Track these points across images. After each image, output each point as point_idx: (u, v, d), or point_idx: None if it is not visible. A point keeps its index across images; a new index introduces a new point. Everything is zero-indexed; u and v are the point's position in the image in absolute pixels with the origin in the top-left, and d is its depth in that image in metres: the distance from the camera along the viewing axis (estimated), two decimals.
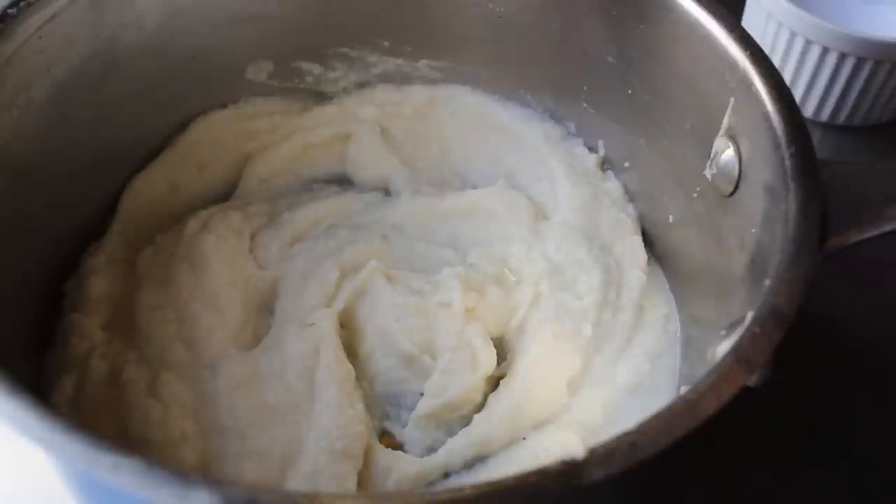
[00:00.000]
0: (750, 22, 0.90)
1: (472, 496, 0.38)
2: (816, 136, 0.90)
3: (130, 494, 0.39)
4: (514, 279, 0.71)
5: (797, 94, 0.89)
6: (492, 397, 0.63)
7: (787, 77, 0.84)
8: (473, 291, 0.67)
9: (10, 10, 0.59)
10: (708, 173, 0.62)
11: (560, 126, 0.77)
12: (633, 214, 0.74)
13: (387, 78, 0.80)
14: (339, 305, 0.66)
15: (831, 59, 0.85)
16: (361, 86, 0.80)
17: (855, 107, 0.89)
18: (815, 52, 0.85)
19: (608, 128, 0.74)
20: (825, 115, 0.91)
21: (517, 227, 0.72)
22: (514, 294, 0.69)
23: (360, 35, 0.77)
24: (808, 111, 0.91)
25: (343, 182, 0.80)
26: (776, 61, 0.74)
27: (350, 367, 0.63)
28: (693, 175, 0.64)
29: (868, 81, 0.86)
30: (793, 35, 0.85)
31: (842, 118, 0.91)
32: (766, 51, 0.59)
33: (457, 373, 0.63)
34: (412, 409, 0.63)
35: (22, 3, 0.59)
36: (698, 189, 0.64)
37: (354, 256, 0.70)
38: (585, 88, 0.74)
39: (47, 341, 0.64)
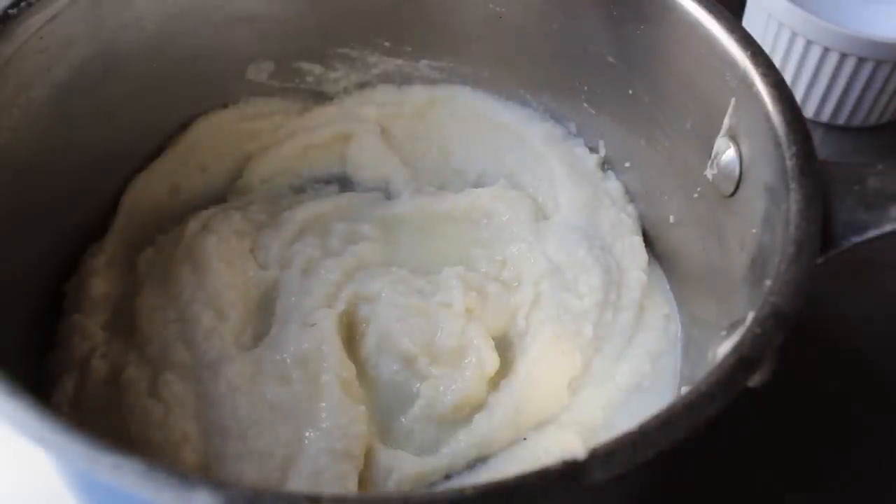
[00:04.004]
0: (750, 22, 0.90)
1: (473, 497, 0.38)
2: (817, 137, 0.90)
3: (131, 495, 0.38)
4: (514, 279, 0.71)
5: (798, 95, 0.89)
6: (492, 398, 0.63)
7: (787, 77, 0.84)
8: (474, 291, 0.67)
9: (10, 11, 0.58)
10: (709, 173, 0.62)
11: (560, 126, 0.77)
12: (633, 214, 0.74)
13: (387, 78, 0.80)
14: (340, 306, 0.66)
15: (832, 60, 0.85)
16: (362, 86, 0.80)
17: (855, 107, 0.89)
18: (815, 53, 0.85)
19: (609, 128, 0.74)
20: (826, 116, 0.91)
21: (518, 227, 0.72)
22: (515, 294, 0.69)
23: (361, 35, 0.77)
24: (808, 111, 0.91)
25: (343, 182, 0.80)
26: (777, 61, 0.74)
27: (351, 367, 0.63)
28: (694, 175, 0.64)
29: (869, 82, 0.86)
30: (793, 35, 0.85)
31: (842, 118, 0.91)
32: (767, 51, 0.59)
33: (458, 373, 0.63)
34: (413, 409, 0.63)
35: (22, 4, 0.59)
36: (699, 189, 0.64)
37: (355, 256, 0.70)
38: (586, 88, 0.74)
39: (48, 342, 0.64)
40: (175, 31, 0.70)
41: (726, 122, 0.59)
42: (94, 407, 0.60)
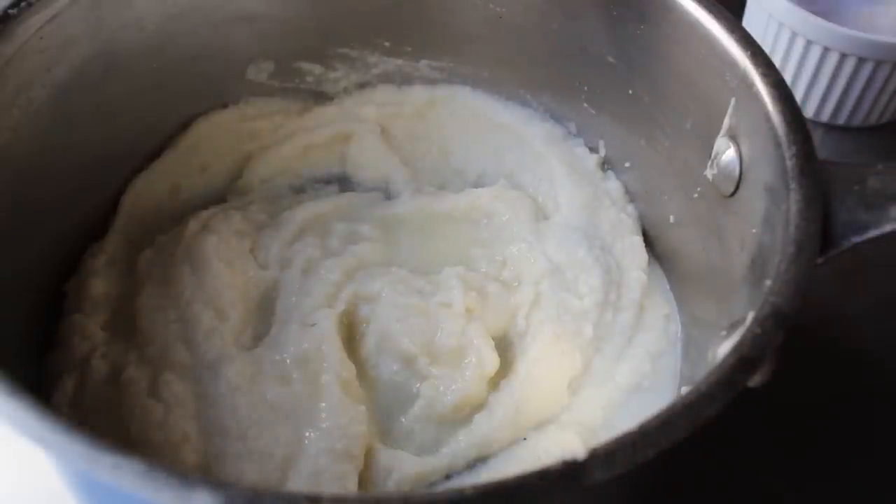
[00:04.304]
0: (750, 22, 0.90)
1: (473, 497, 0.38)
2: (817, 137, 0.90)
3: (131, 495, 0.38)
4: (514, 279, 0.71)
5: (798, 95, 0.89)
6: (492, 398, 0.63)
7: (787, 77, 0.84)
8: (474, 291, 0.67)
9: (10, 11, 0.59)
10: (709, 173, 0.62)
11: (560, 126, 0.77)
12: (633, 214, 0.74)
13: (387, 78, 0.80)
14: (340, 306, 0.66)
15: (832, 60, 0.85)
16: (362, 86, 0.80)
17: (855, 107, 0.89)
18: (815, 53, 0.85)
19: (609, 128, 0.74)
20: (826, 116, 0.91)
21: (518, 227, 0.72)
22: (515, 294, 0.69)
23: (361, 35, 0.77)
24: (808, 112, 0.91)
25: (343, 182, 0.80)
26: (777, 61, 0.74)
27: (351, 367, 0.63)
28: (694, 175, 0.64)
29: (869, 82, 0.86)
30: (793, 35, 0.85)
31: (842, 118, 0.91)
32: (767, 51, 0.59)
33: (458, 373, 0.63)
34: (413, 409, 0.63)
35: (22, 4, 0.59)
36: (699, 189, 0.64)
37: (355, 256, 0.70)
38: (586, 88, 0.74)
39: (48, 342, 0.64)
40: (175, 31, 0.70)
41: (726, 122, 0.59)
42: (94, 407, 0.60)
